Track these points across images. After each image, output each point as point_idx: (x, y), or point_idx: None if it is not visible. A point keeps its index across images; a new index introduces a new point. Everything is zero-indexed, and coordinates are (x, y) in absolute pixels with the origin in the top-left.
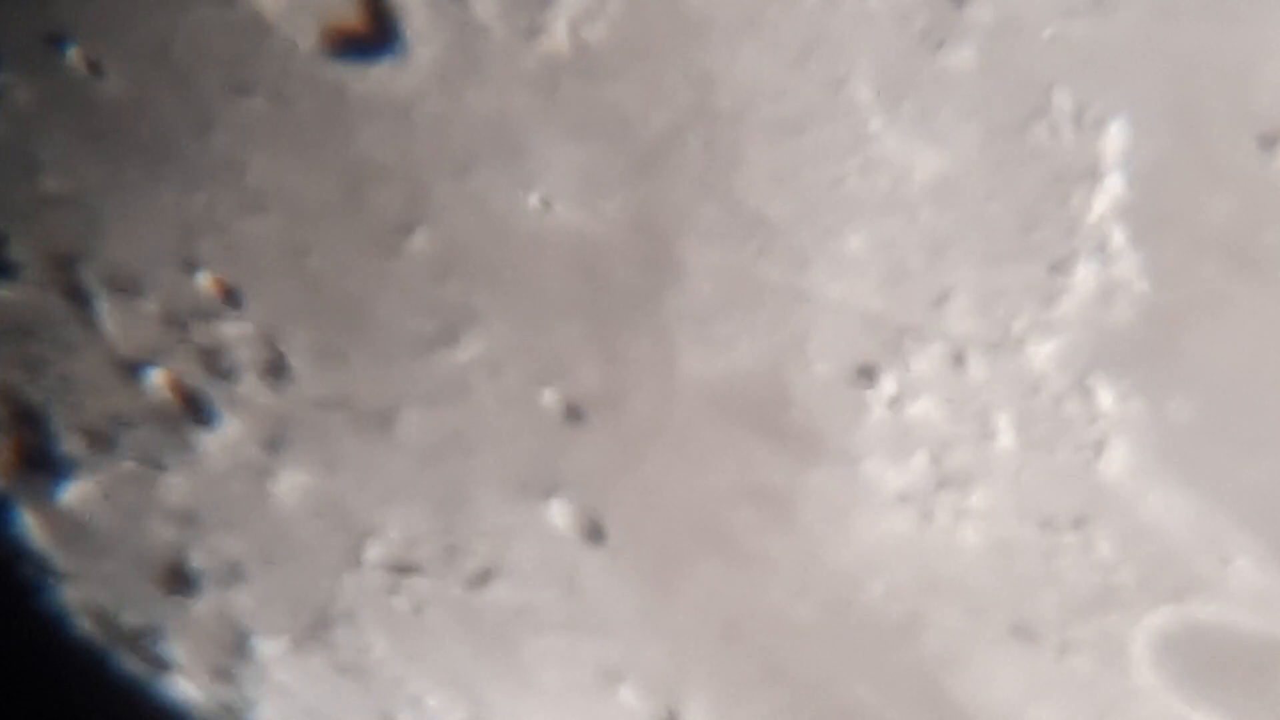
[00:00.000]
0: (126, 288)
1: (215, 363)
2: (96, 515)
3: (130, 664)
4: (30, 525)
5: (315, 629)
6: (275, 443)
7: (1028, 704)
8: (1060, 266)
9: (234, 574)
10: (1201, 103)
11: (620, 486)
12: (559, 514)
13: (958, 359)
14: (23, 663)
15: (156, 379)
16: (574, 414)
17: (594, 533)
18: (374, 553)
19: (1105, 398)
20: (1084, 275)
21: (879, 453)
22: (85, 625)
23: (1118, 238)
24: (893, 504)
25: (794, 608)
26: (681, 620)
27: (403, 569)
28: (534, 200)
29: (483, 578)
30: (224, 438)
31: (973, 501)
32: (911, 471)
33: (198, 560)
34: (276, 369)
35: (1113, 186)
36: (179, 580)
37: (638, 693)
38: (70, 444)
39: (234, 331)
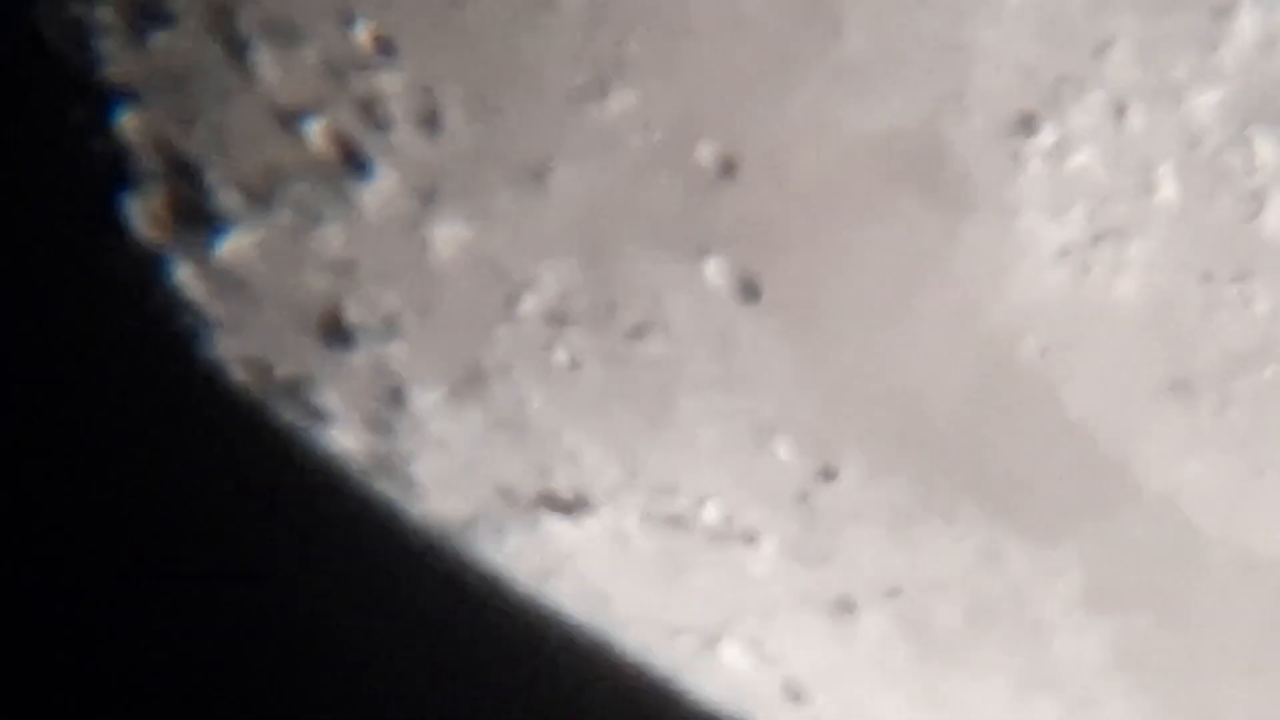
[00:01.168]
0: (284, 36)
1: (371, 114)
2: (253, 267)
3: (287, 415)
4: (187, 277)
5: (471, 382)
6: (430, 195)
7: (1185, 459)
8: (1223, 13)
9: (390, 326)
10: None
11: (775, 244)
12: (713, 270)
13: (1118, 109)
14: (182, 414)
15: (313, 130)
16: (728, 169)
17: (748, 290)
18: (529, 306)
19: (1266, 150)
20: (1246, 23)
21: (1036, 206)
22: (242, 376)
23: None
24: (1049, 259)
25: (949, 366)
26: (836, 379)
27: (558, 322)
28: None
29: (638, 333)
30: (380, 190)
31: (1131, 255)
32: (1069, 225)
33: (353, 312)
34: (431, 121)
35: None
36: (335, 331)
37: (793, 449)
38: (226, 197)
39: (390, 83)
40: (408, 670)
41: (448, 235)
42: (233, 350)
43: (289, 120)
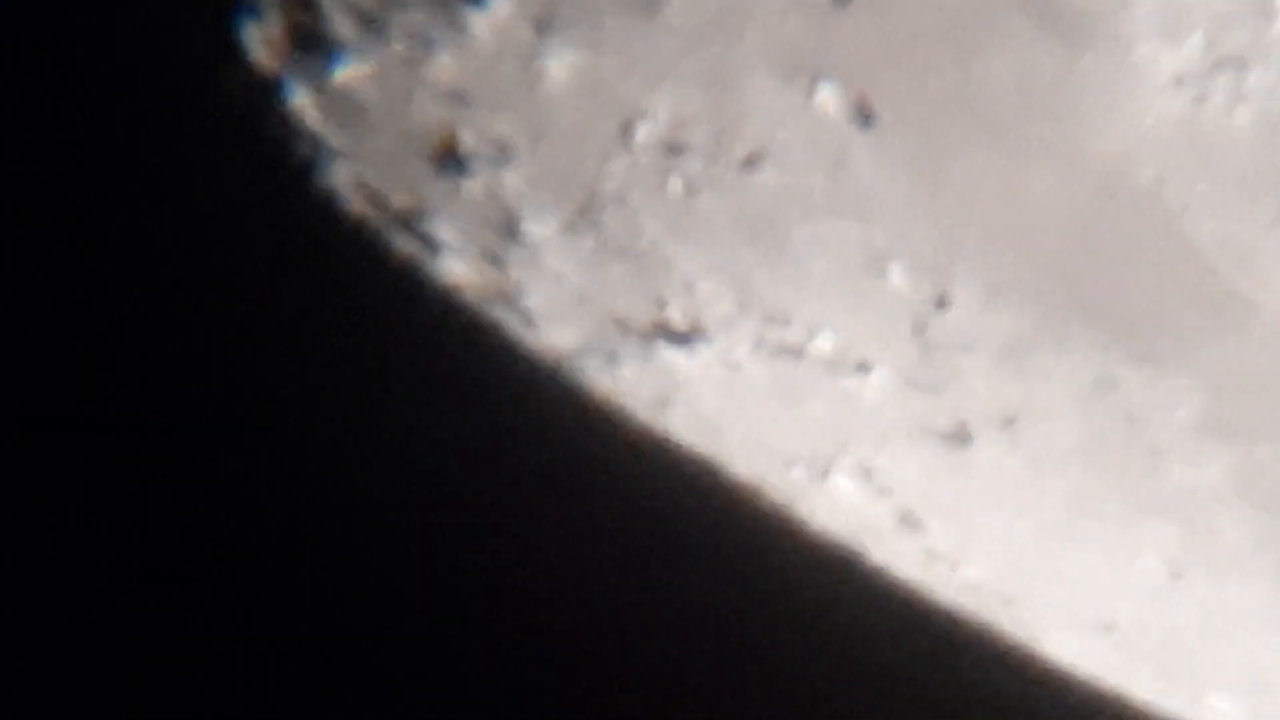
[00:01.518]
0: None
1: None
2: (368, 95)
3: (402, 244)
4: (303, 105)
5: (585, 211)
6: (544, 22)
7: None
8: None
9: (504, 154)
10: None
11: (890, 71)
12: (828, 97)
13: None
14: (299, 244)
15: None
16: None
17: (863, 117)
18: (643, 134)
19: None
20: None
21: (1153, 34)
22: (358, 206)
23: None
24: (1166, 87)
25: (1063, 194)
26: (951, 206)
27: (672, 151)
28: None
29: (752, 161)
30: (493, 17)
31: (1250, 83)
32: (1186, 53)
33: (468, 140)
34: None
35: None
36: (449, 160)
37: (907, 276)
38: (342, 24)
39: None
40: (522, 495)
41: (561, 63)
42: (349, 179)
43: None
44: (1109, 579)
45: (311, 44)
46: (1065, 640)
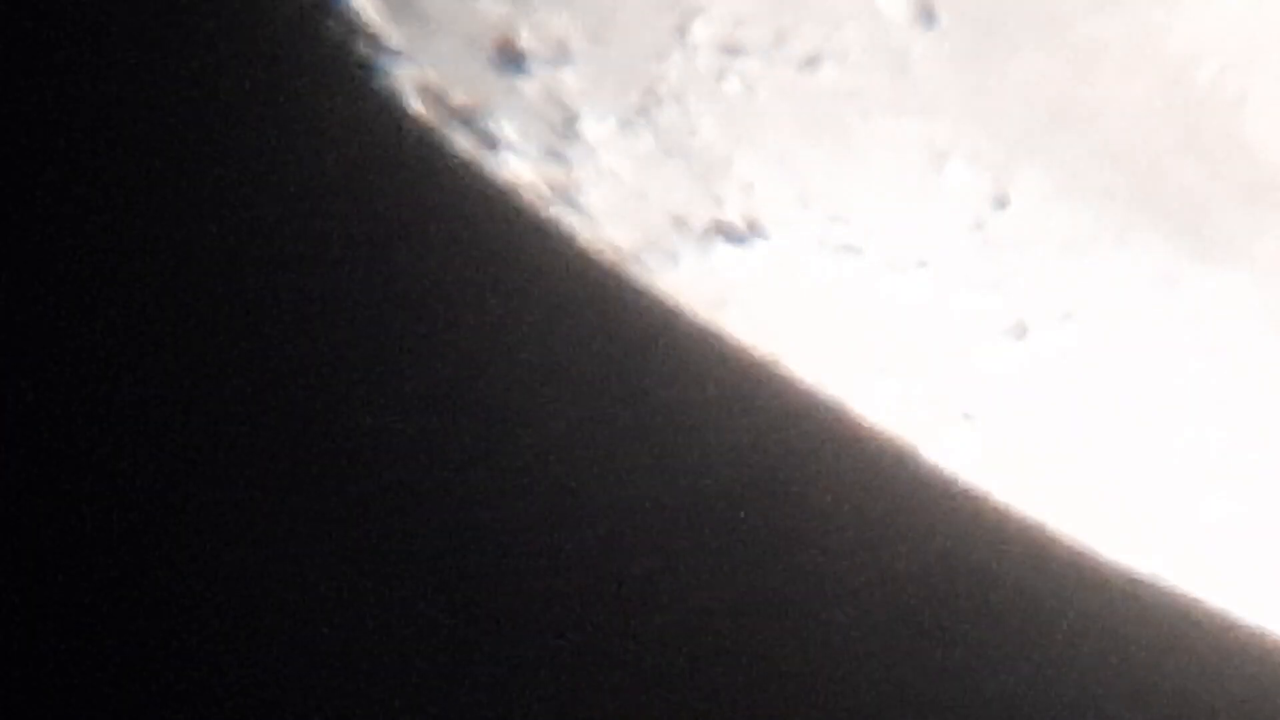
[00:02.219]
0: None
1: None
2: None
3: (462, 142)
4: (363, 4)
5: (643, 110)
6: None
7: None
8: None
9: (562, 53)
10: None
11: None
12: None
13: None
14: (360, 141)
15: None
16: None
17: (924, 14)
18: (701, 33)
19: None
20: None
21: None
22: (419, 104)
23: None
24: None
25: (1124, 89)
26: (1010, 102)
27: (731, 50)
28: None
29: (812, 61)
30: None
31: None
32: None
33: (527, 39)
34: None
35: None
36: (509, 58)
37: (967, 174)
38: None
39: None
40: (581, 391)
41: None
42: (410, 77)
43: None
44: (1171, 476)
45: None
46: (1127, 539)
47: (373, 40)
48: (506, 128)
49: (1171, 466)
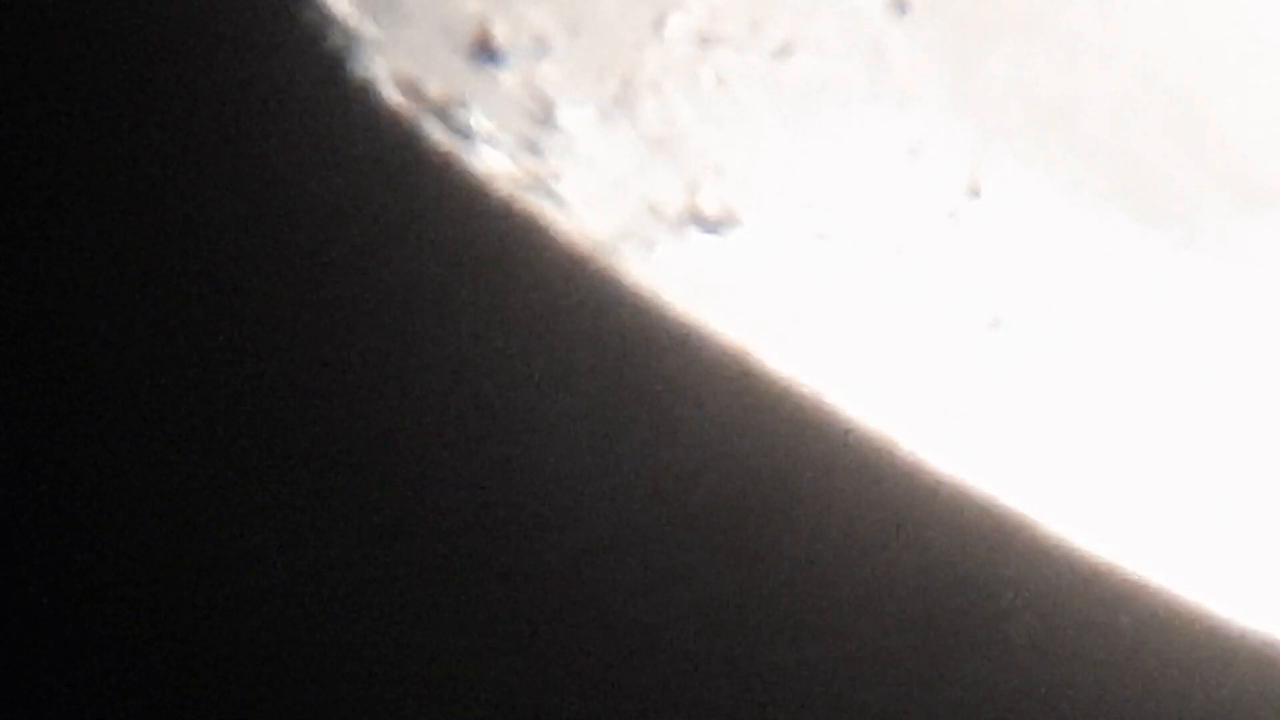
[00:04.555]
0: None
1: None
2: None
3: (439, 134)
4: None
5: (621, 100)
6: None
7: None
8: None
9: (540, 44)
10: None
11: None
12: None
13: None
14: (336, 134)
15: None
16: None
17: (898, 5)
18: (677, 24)
19: None
20: None
21: None
22: (395, 96)
23: None
24: None
25: (1102, 81)
26: (987, 93)
27: (706, 41)
28: None
29: (786, 50)
30: None
31: None
32: None
33: (504, 31)
34: None
35: None
36: (486, 50)
37: (942, 163)
38: None
39: None
40: (556, 383)
41: None
42: (386, 69)
43: None
44: (1152, 470)
45: None
46: (1106, 531)
47: (348, 32)
48: (483, 119)
49: (1153, 460)
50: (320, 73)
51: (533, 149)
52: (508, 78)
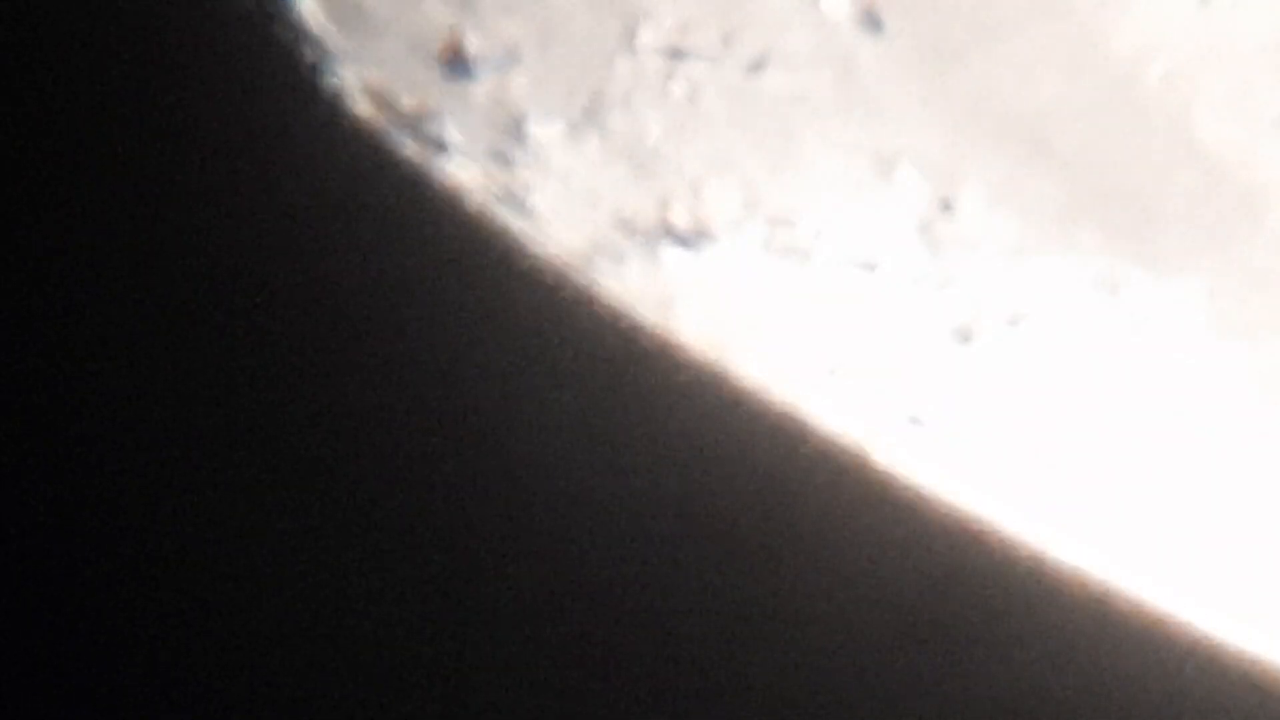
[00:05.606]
0: None
1: None
2: None
3: (409, 146)
4: (309, 6)
5: (591, 113)
6: None
7: None
8: None
9: (510, 57)
10: None
11: None
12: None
13: None
14: (304, 145)
15: None
16: None
17: (869, 19)
18: (648, 36)
19: None
20: None
21: None
22: (364, 107)
23: None
24: None
25: (1070, 95)
26: (957, 108)
27: (677, 53)
28: None
29: (758, 64)
30: None
31: None
32: None
33: (475, 43)
34: None
35: None
36: (456, 62)
37: (913, 178)
38: None
39: None
40: (528, 396)
41: None
42: (356, 81)
43: None
44: (1118, 478)
45: None
46: (1073, 540)
47: (318, 44)
48: (453, 131)
49: (1122, 472)
50: (290, 84)
51: (503, 161)
52: (478, 89)
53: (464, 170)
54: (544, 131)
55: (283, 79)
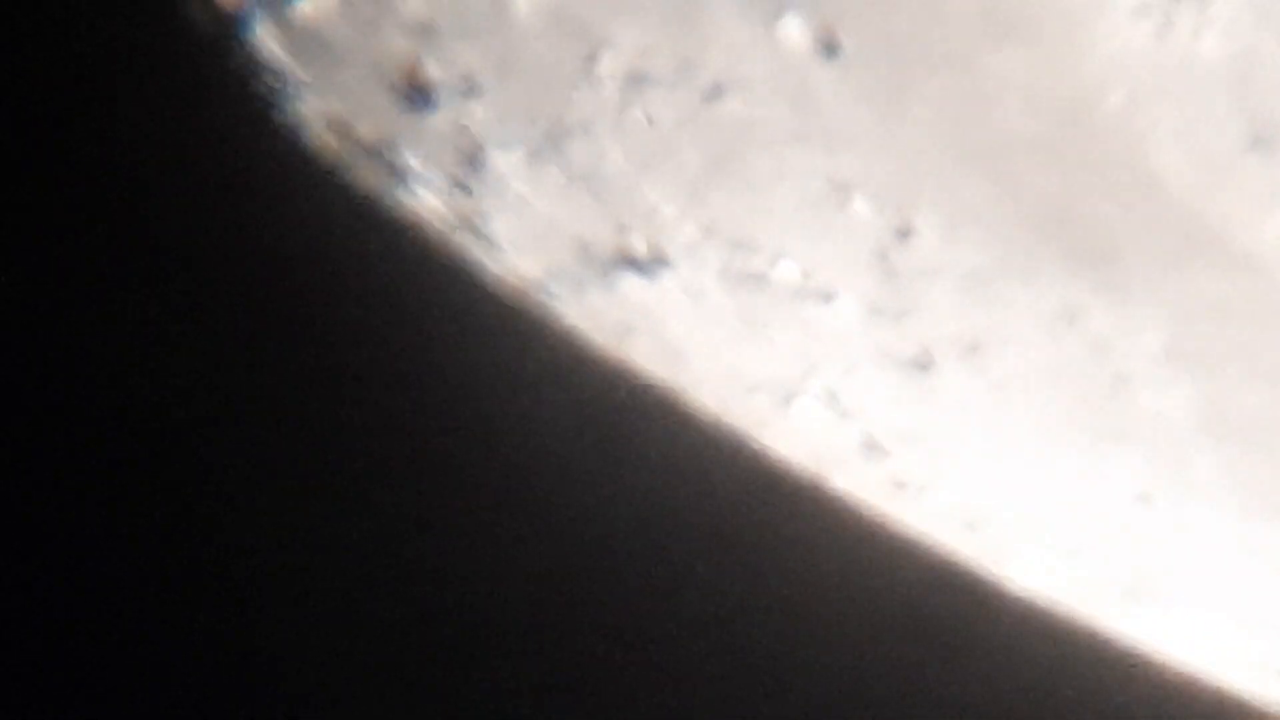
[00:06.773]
0: None
1: None
2: (333, 26)
3: (368, 175)
4: (267, 37)
5: (551, 140)
6: None
7: (1268, 215)
8: None
9: (470, 86)
10: None
11: (854, 1)
12: (792, 27)
13: None
14: (264, 175)
15: None
16: None
17: (827, 48)
18: (607, 64)
19: None
20: None
21: None
22: (324, 136)
23: None
24: (1131, 15)
25: (1029, 123)
26: (915, 136)
27: (637, 81)
28: None
29: (716, 91)
30: None
31: (1214, 10)
32: None
33: (434, 71)
34: None
35: None
36: (416, 91)
37: (870, 206)
38: None
39: None
40: (485, 423)
41: None
42: (315, 110)
43: None
44: (1075, 504)
45: None
46: (1030, 565)
47: (277, 74)
48: (413, 159)
49: (1078, 498)
50: (250, 114)
51: (463, 189)
52: (438, 118)
53: (424, 199)
54: (503, 159)
55: (242, 110)
